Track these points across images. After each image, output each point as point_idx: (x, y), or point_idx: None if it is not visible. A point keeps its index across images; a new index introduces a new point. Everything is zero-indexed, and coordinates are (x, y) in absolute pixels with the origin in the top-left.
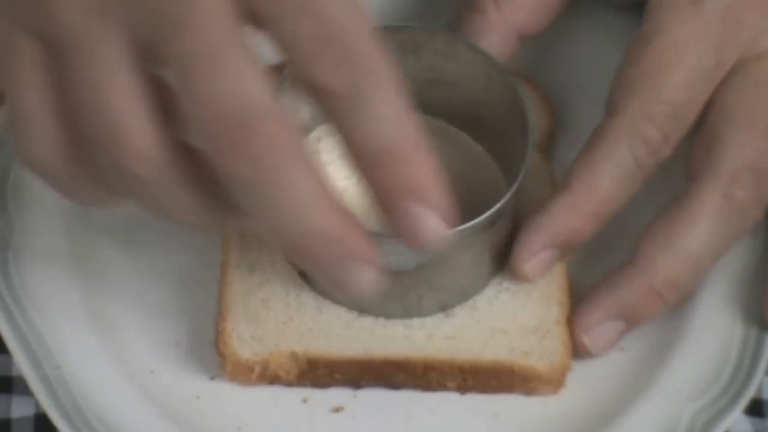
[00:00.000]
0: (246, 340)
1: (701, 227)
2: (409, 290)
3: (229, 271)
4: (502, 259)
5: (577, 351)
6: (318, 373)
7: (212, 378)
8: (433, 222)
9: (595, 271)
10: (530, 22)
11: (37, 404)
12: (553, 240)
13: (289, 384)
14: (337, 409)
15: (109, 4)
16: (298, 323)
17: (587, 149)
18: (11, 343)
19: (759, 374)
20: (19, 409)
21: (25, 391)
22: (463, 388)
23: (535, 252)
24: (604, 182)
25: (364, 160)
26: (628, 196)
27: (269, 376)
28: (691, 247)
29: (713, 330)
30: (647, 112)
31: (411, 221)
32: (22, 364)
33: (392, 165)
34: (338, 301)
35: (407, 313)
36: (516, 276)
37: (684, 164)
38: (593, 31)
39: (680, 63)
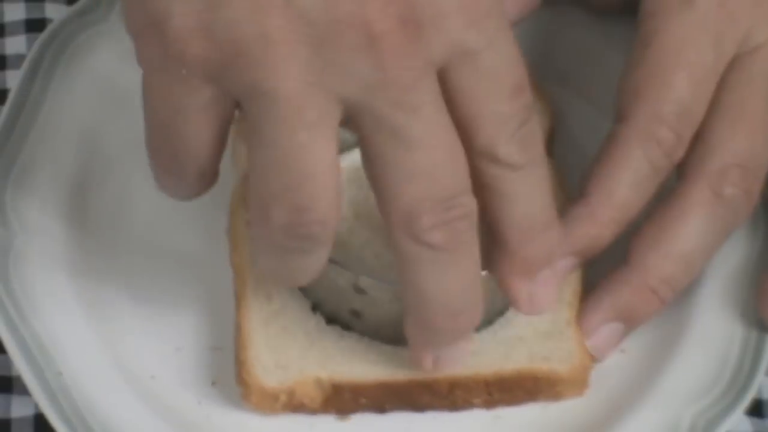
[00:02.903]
0: (270, 368)
1: (692, 224)
2: None
3: (246, 301)
4: None
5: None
6: (344, 398)
7: (213, 383)
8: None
9: (602, 273)
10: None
11: (36, 404)
12: (572, 248)
13: (313, 412)
14: (342, 416)
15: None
16: (320, 349)
17: (601, 156)
18: (12, 350)
19: (760, 375)
20: (19, 409)
21: (25, 391)
22: (489, 404)
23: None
24: (621, 188)
25: (515, 233)
26: (645, 199)
27: (294, 405)
28: (682, 245)
29: (714, 331)
30: (657, 113)
31: (540, 289)
32: (23, 370)
33: (541, 236)
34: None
35: None
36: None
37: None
38: (589, 30)
39: (682, 61)
